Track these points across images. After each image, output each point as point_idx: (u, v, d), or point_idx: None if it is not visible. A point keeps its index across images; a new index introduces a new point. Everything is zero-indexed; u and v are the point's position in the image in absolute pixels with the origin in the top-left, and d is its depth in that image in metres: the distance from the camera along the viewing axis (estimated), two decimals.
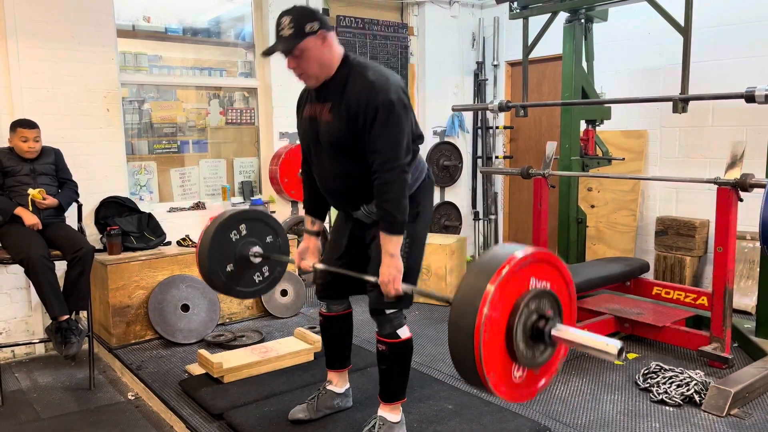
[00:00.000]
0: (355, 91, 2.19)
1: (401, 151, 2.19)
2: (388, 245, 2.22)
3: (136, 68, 4.48)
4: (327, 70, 2.24)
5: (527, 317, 1.64)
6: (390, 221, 2.20)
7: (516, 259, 1.62)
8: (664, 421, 2.77)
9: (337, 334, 2.70)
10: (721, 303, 3.27)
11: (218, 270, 2.80)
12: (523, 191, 6.05)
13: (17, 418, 3.10)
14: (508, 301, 1.62)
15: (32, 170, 3.55)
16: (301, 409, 2.72)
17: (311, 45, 2.17)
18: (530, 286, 1.67)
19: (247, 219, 2.88)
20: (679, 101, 3.43)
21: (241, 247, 2.85)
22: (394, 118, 2.16)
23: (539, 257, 1.69)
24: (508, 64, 6.08)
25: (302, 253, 2.62)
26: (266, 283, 3.02)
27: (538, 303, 1.66)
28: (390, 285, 2.22)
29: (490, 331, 1.58)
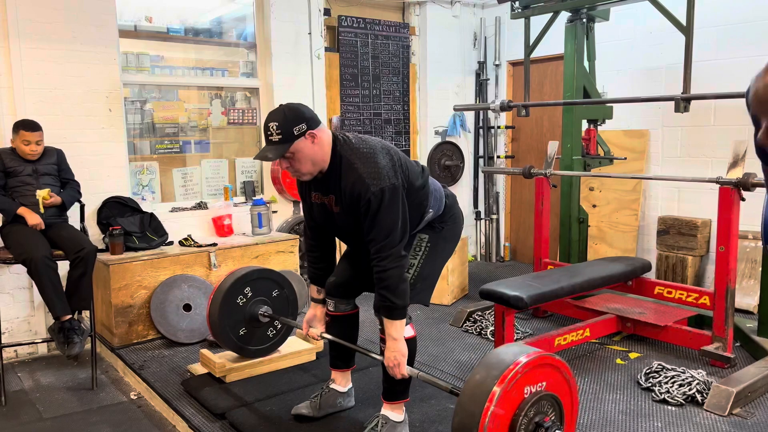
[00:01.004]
0: (349, 185, 2.27)
1: (395, 236, 2.25)
2: (391, 330, 2.29)
3: (138, 68, 4.48)
4: (320, 165, 2.31)
5: (528, 423, 1.68)
6: (389, 307, 2.27)
7: (520, 365, 1.67)
8: (666, 420, 2.77)
9: (343, 334, 2.70)
10: (723, 302, 3.27)
11: (231, 336, 2.87)
12: (525, 191, 6.05)
13: (20, 418, 3.11)
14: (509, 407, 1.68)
15: (35, 170, 3.55)
16: (304, 405, 2.73)
17: (301, 146, 2.24)
18: (532, 390, 1.71)
19: (249, 280, 2.94)
20: (681, 100, 3.43)
21: (250, 309, 2.92)
22: (384, 207, 2.22)
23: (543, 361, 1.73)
24: (509, 64, 6.08)
25: (310, 321, 2.69)
26: (279, 336, 3.11)
27: (538, 407, 1.70)
28: (396, 369, 2.29)
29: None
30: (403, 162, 2.36)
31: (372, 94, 5.59)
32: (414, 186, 2.38)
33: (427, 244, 2.48)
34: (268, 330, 3.10)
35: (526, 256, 6.14)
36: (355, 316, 2.73)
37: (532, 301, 3.18)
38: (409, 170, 2.38)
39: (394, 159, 2.31)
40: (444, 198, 2.57)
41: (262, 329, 3.05)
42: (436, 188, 2.53)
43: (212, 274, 4.13)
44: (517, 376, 1.66)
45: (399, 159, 2.34)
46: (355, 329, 2.76)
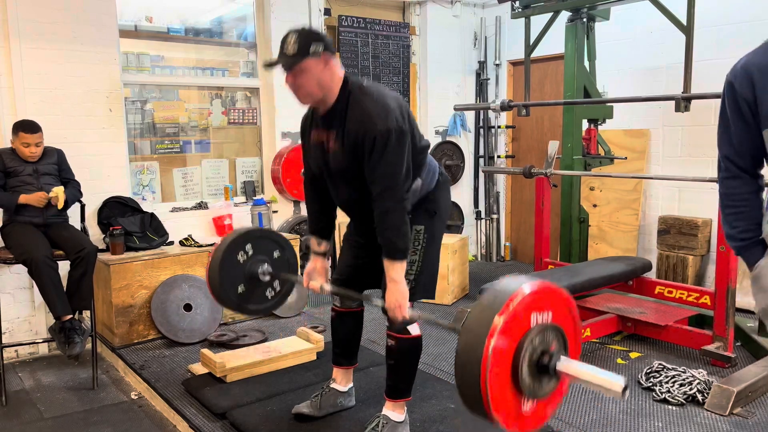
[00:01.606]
0: (355, 119, 2.22)
1: (399, 179, 2.22)
2: (391, 272, 2.25)
3: (138, 68, 4.48)
4: (325, 92, 2.26)
5: (532, 352, 1.66)
6: (391, 248, 2.24)
7: (523, 294, 1.64)
8: (667, 420, 2.77)
9: (348, 331, 2.71)
10: (723, 302, 3.27)
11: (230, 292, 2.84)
12: (525, 190, 6.05)
13: (21, 418, 3.11)
14: (514, 335, 1.64)
15: (35, 171, 3.55)
16: (305, 404, 2.73)
17: (312, 65, 2.20)
18: (534, 320, 1.68)
19: (252, 238, 2.91)
20: (681, 100, 3.43)
21: (249, 267, 2.89)
22: (391, 148, 2.18)
23: (548, 290, 1.71)
24: (510, 64, 6.08)
25: (310, 273, 2.64)
26: (278, 297, 3.07)
27: (543, 337, 1.67)
28: (396, 311, 2.25)
29: (497, 365, 1.60)
30: (411, 117, 2.33)
31: None
32: (416, 146, 2.35)
33: (424, 236, 2.44)
34: (267, 290, 3.02)
35: (526, 256, 6.14)
36: (360, 313, 2.73)
37: None
38: (413, 128, 2.35)
39: (404, 108, 2.28)
40: (437, 174, 2.51)
41: (261, 288, 2.95)
42: (431, 162, 2.50)
43: None
44: (522, 304, 1.62)
45: (408, 112, 2.31)
46: (359, 326, 2.75)
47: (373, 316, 4.00)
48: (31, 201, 3.44)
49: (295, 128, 5.02)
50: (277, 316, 4.39)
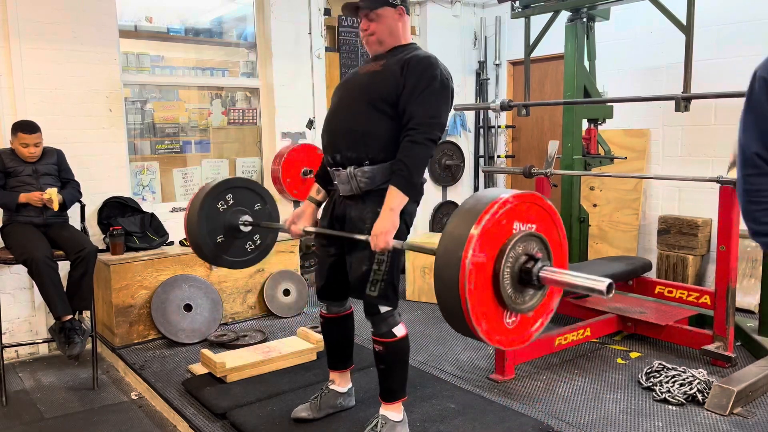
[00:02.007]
0: (415, 60, 2.29)
1: (437, 123, 2.27)
2: (393, 200, 2.22)
3: (138, 68, 4.49)
4: (394, 40, 2.39)
5: (514, 261, 1.62)
6: (405, 177, 2.22)
7: (500, 202, 1.60)
8: (667, 420, 2.77)
9: (338, 336, 2.69)
10: (723, 302, 3.26)
11: (208, 240, 2.75)
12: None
13: (21, 418, 3.11)
14: (493, 246, 1.59)
15: (35, 171, 3.55)
16: (304, 408, 2.72)
17: (389, 14, 2.35)
18: (517, 229, 1.64)
19: (233, 187, 2.82)
20: (681, 100, 3.42)
21: (229, 217, 2.80)
22: (435, 88, 2.26)
23: (526, 199, 1.67)
24: (509, 64, 6.08)
25: (296, 216, 2.59)
26: (258, 251, 2.97)
27: (525, 246, 1.64)
28: (381, 236, 2.18)
29: (476, 277, 1.56)
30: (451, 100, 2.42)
31: None
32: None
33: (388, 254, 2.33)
34: (246, 243, 2.95)
35: None
36: (348, 317, 2.70)
37: None
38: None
39: (451, 83, 2.36)
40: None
41: (241, 240, 2.89)
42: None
43: (213, 275, 4.13)
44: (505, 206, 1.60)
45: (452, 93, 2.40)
46: (350, 330, 2.72)
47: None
48: (31, 199, 3.44)
49: (294, 128, 5.04)
50: (277, 316, 4.39)
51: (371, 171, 2.31)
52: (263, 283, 4.39)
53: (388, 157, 2.31)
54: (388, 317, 2.39)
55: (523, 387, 3.14)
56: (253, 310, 4.40)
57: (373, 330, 2.43)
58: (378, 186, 2.33)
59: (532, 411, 2.86)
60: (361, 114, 2.34)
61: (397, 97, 2.28)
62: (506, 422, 2.67)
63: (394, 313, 2.41)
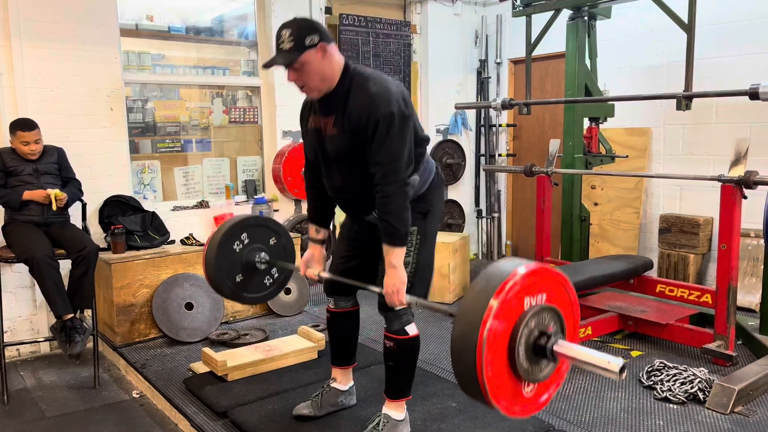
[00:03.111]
0: (357, 103, 2.19)
1: (402, 163, 2.20)
2: (391, 257, 2.23)
3: (139, 67, 4.48)
4: (328, 82, 2.23)
5: (528, 337, 1.64)
6: (392, 233, 2.22)
7: (518, 275, 1.61)
8: (668, 418, 2.77)
9: (344, 331, 2.70)
10: (725, 300, 3.26)
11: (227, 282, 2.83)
12: (527, 189, 6.05)
13: (22, 417, 3.11)
14: (509, 319, 1.62)
15: (35, 170, 3.55)
16: (305, 405, 2.73)
17: (311, 58, 2.16)
18: (527, 304, 1.66)
19: (247, 226, 2.88)
20: (682, 98, 3.42)
21: (246, 255, 2.87)
22: (394, 131, 2.16)
23: (542, 273, 1.69)
24: (511, 62, 6.07)
25: (307, 261, 2.62)
26: (276, 285, 3.05)
27: (539, 319, 1.66)
28: (394, 296, 2.23)
29: (493, 362, 1.58)
30: (412, 107, 2.30)
31: None
32: (417, 134, 2.32)
33: (417, 237, 2.40)
34: (265, 278, 3.00)
35: (527, 255, 6.13)
36: (355, 313, 2.72)
37: None
38: (415, 117, 2.32)
39: (405, 95, 2.25)
40: (433, 175, 2.48)
41: (259, 277, 2.94)
42: (429, 161, 2.47)
43: None
44: (515, 287, 1.59)
45: (409, 100, 2.28)
46: (356, 326, 2.75)
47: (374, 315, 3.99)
48: (35, 197, 3.44)
49: (295, 127, 5.01)
50: (279, 314, 4.40)
51: None
52: None
53: None
54: (402, 315, 2.40)
55: None
56: (254, 309, 4.40)
57: (386, 326, 2.43)
58: None
59: None
60: (352, 185, 2.33)
61: (365, 151, 2.23)
62: (506, 421, 2.67)
63: (408, 311, 2.41)
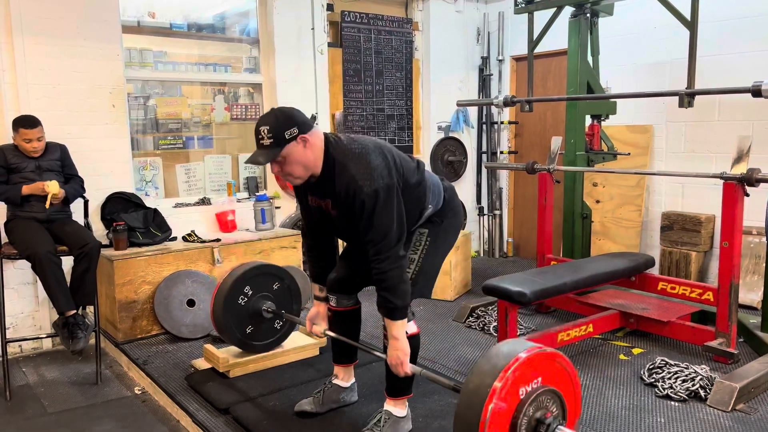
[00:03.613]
0: (343, 185, 2.24)
1: (392, 237, 2.22)
2: (392, 329, 2.28)
3: (141, 64, 4.49)
4: (312, 169, 2.28)
5: (528, 422, 1.67)
6: (390, 308, 2.26)
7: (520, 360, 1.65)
8: (670, 416, 2.77)
9: (346, 330, 2.71)
10: (726, 298, 3.26)
11: (238, 335, 2.89)
12: (528, 186, 6.05)
13: (25, 413, 3.12)
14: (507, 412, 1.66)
15: (38, 167, 3.55)
16: (307, 402, 2.73)
17: (292, 150, 2.21)
18: (528, 389, 1.70)
19: (248, 278, 2.94)
20: (685, 96, 3.42)
21: (252, 306, 2.91)
22: (380, 208, 2.20)
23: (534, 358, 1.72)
24: (513, 59, 6.07)
25: (313, 318, 2.70)
26: (286, 328, 3.13)
27: (538, 404, 1.69)
28: (398, 368, 2.29)
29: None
30: (397, 160, 2.33)
31: (375, 89, 5.59)
32: (410, 183, 2.36)
33: (427, 239, 2.47)
34: (275, 323, 3.10)
35: (529, 252, 6.13)
36: (357, 311, 2.74)
37: (535, 296, 3.17)
38: (404, 168, 2.35)
39: (388, 158, 2.27)
40: (443, 192, 2.55)
41: (268, 323, 3.05)
42: (434, 182, 2.51)
43: (216, 270, 4.14)
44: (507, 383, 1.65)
45: (393, 157, 2.31)
46: (357, 324, 2.76)
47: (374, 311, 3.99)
48: (35, 190, 3.44)
49: None
50: None
51: None
52: None
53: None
54: None
55: None
56: None
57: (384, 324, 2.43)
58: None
59: None
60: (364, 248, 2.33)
61: None
62: None
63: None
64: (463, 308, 4.23)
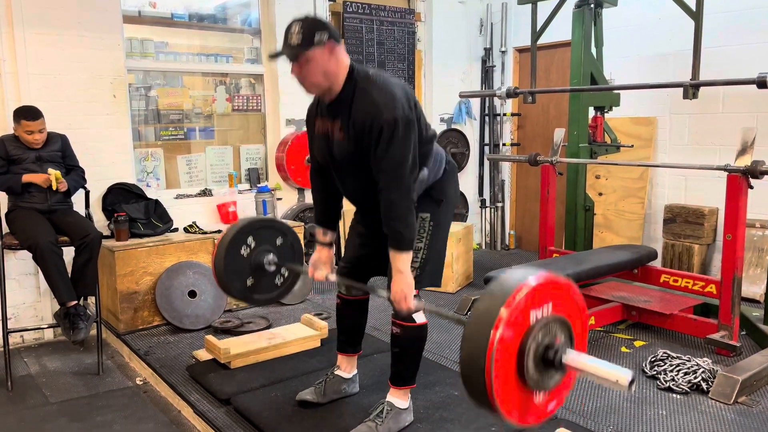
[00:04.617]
0: (361, 109, 2.19)
1: (405, 170, 2.20)
2: (397, 262, 2.24)
3: (142, 54, 4.47)
4: (331, 81, 2.23)
5: (537, 347, 1.65)
6: (398, 239, 2.22)
7: (528, 286, 1.62)
8: (671, 408, 2.77)
9: (353, 319, 2.71)
10: (729, 291, 3.25)
11: (238, 286, 2.86)
12: (531, 178, 6.03)
13: (26, 403, 3.13)
14: (515, 335, 1.63)
15: (38, 158, 3.54)
16: (308, 391, 2.73)
17: (317, 55, 2.16)
18: (538, 314, 1.67)
19: (252, 230, 2.90)
20: (689, 87, 3.40)
21: (255, 259, 2.89)
22: (398, 138, 2.16)
23: (546, 284, 1.69)
24: (516, 51, 6.03)
25: (315, 263, 2.64)
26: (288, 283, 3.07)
27: (546, 330, 1.66)
28: (401, 302, 2.24)
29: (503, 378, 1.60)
30: (418, 106, 2.31)
31: None
32: (422, 136, 2.33)
33: (429, 224, 2.42)
34: (276, 278, 3.03)
35: (531, 245, 6.12)
36: (365, 301, 2.73)
37: None
38: (421, 117, 2.33)
39: (409, 96, 2.25)
40: (444, 163, 2.49)
41: (269, 277, 2.98)
42: (438, 151, 2.47)
43: None
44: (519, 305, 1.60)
45: (414, 100, 2.29)
46: (364, 314, 2.76)
47: (378, 303, 3.99)
48: (36, 180, 3.44)
49: (299, 115, 5.02)
50: (282, 303, 4.40)
51: None
52: None
53: None
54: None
55: None
56: None
57: (393, 312, 2.43)
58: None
59: None
60: (363, 187, 2.32)
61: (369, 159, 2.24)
62: None
63: (417, 298, 2.41)
64: (465, 300, 4.22)
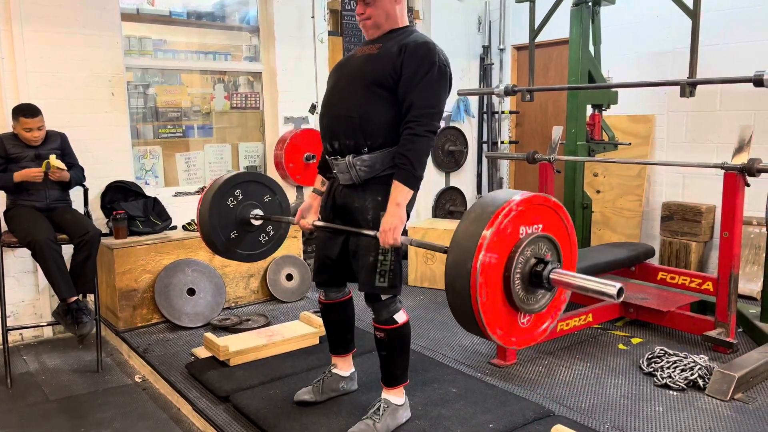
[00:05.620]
0: (413, 44, 2.25)
1: (437, 113, 2.25)
2: (398, 195, 2.22)
3: (140, 52, 4.47)
4: (391, 23, 2.34)
5: (524, 265, 1.62)
6: (408, 171, 2.21)
7: (513, 203, 1.59)
8: (668, 405, 2.78)
9: (337, 321, 2.70)
10: (726, 288, 3.26)
11: (221, 237, 2.79)
12: (529, 176, 6.04)
13: (26, 400, 3.14)
14: (502, 252, 1.59)
15: (37, 156, 3.54)
16: (306, 391, 2.74)
17: None
18: (523, 233, 1.64)
19: (241, 182, 2.84)
20: (686, 85, 3.40)
21: (240, 212, 2.82)
22: (433, 77, 2.23)
23: (539, 202, 1.66)
24: (514, 48, 6.04)
25: (304, 211, 2.61)
26: (273, 242, 3.01)
27: (536, 247, 1.63)
28: (389, 233, 2.19)
29: (488, 287, 1.56)
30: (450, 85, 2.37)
31: None
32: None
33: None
34: (260, 236, 2.99)
35: None
36: (348, 302, 2.70)
37: None
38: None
39: (449, 68, 2.32)
40: None
41: (254, 234, 2.92)
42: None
43: (216, 259, 4.14)
44: (510, 215, 1.59)
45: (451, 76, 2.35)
46: (350, 315, 2.72)
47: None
48: (27, 175, 3.41)
49: (297, 113, 5.02)
50: (280, 300, 4.41)
51: (370, 159, 2.29)
52: (266, 268, 4.40)
53: (386, 144, 2.29)
54: (389, 304, 2.40)
55: (524, 372, 3.15)
56: (256, 295, 4.42)
57: (374, 317, 2.43)
58: (378, 174, 2.32)
59: (533, 395, 2.87)
60: (357, 99, 2.30)
61: (394, 81, 2.25)
62: (507, 406, 2.69)
63: (395, 299, 2.41)
64: None
